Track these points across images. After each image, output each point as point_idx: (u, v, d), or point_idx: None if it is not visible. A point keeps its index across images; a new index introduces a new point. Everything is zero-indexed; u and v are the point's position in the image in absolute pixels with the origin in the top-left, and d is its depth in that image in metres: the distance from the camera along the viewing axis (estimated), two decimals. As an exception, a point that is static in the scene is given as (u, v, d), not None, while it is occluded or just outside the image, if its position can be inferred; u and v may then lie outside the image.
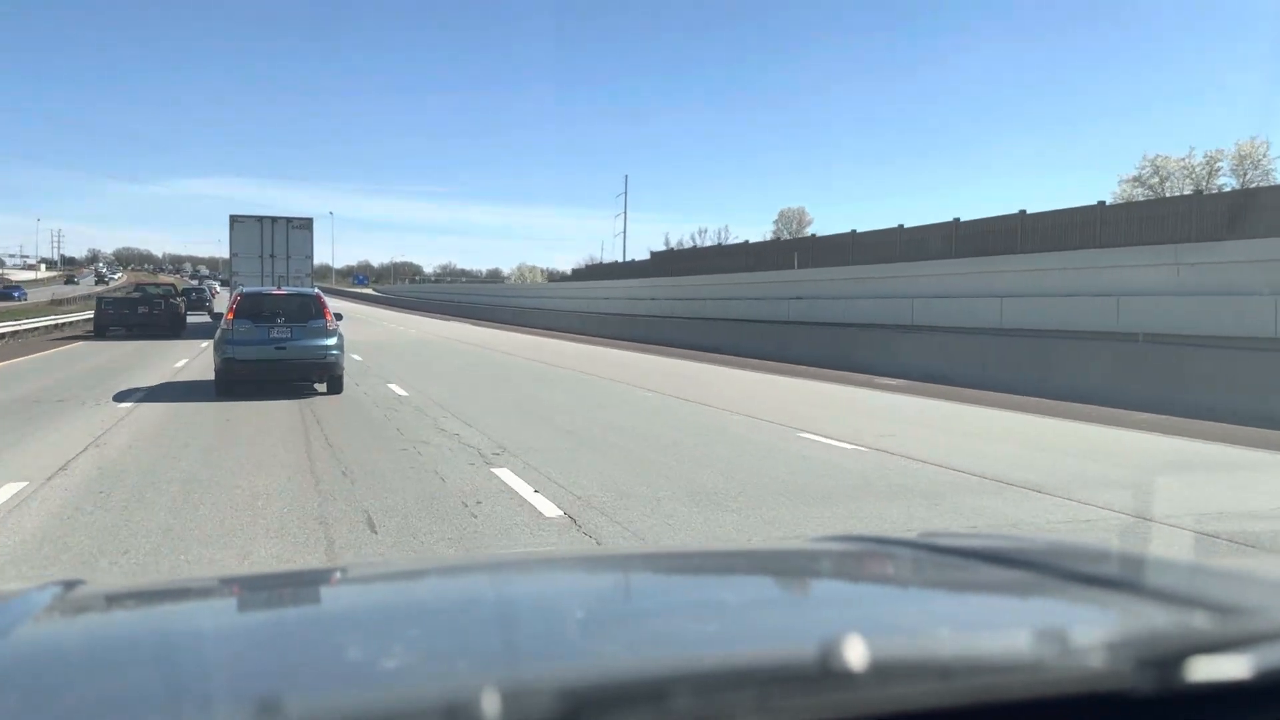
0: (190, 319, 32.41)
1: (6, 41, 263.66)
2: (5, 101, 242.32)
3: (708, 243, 75.47)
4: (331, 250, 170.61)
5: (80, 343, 26.13)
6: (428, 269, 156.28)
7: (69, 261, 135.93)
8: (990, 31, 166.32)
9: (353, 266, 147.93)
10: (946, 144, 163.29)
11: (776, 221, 78.04)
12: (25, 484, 7.02)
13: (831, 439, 9.88)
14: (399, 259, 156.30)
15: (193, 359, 20.47)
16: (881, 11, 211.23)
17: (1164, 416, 12.13)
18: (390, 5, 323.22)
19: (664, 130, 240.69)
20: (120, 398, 13.11)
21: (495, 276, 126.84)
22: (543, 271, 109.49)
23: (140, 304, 29.44)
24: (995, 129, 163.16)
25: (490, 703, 0.68)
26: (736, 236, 74.89)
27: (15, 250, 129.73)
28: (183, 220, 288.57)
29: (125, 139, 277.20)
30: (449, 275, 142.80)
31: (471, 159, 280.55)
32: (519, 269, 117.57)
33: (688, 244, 79.54)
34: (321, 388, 13.89)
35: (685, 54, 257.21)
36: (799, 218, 78.22)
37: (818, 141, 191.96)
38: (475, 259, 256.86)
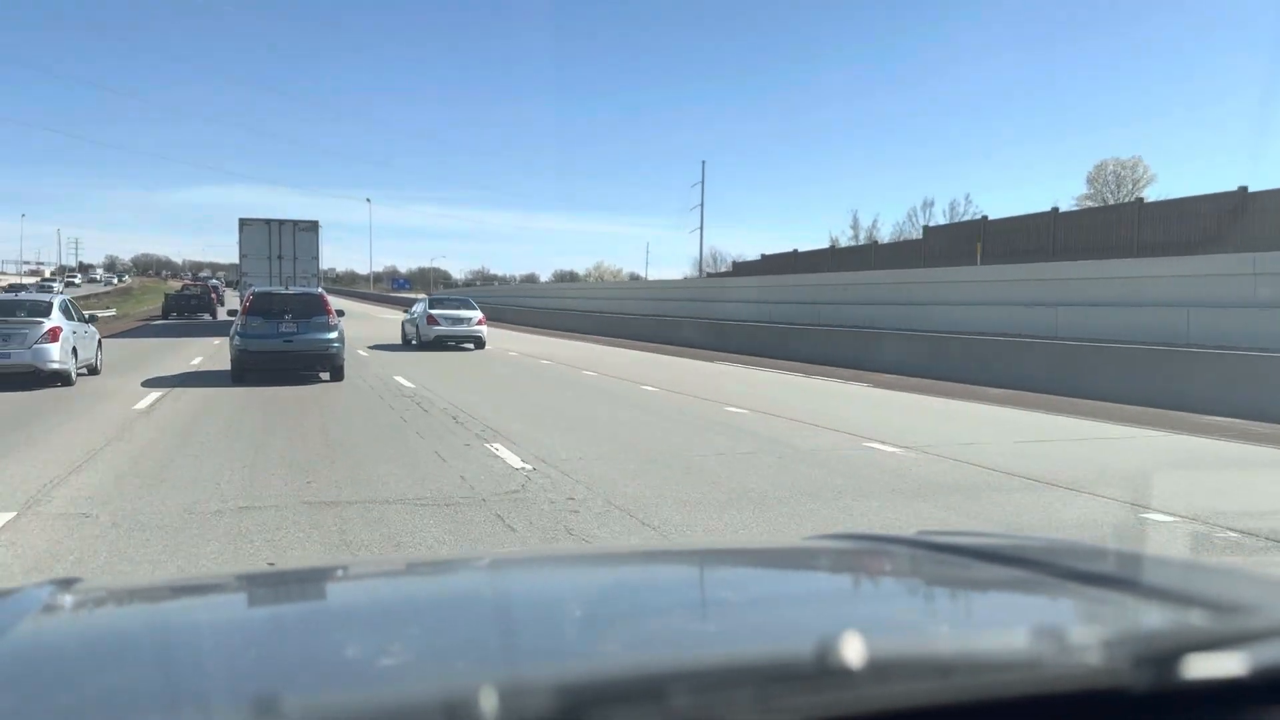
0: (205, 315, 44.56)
1: (31, 50, 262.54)
2: (28, 109, 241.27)
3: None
4: (370, 254, 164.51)
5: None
6: (455, 274, 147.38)
7: (85, 268, 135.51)
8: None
9: (379, 273, 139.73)
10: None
11: (1092, 181, 52.51)
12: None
13: None
14: (428, 264, 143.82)
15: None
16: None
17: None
18: (399, 16, 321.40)
19: (676, 139, 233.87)
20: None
21: (530, 280, 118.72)
22: (627, 274, 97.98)
23: (191, 298, 45.87)
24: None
25: (489, 701, 0.68)
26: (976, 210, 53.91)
27: (31, 256, 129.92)
28: (199, 227, 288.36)
29: (145, 148, 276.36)
30: (483, 279, 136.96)
31: (485, 167, 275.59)
32: (597, 268, 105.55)
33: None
34: (325, 375, 15.24)
35: (688, 56, 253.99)
36: (1132, 174, 50.00)
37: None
38: (501, 264, 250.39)
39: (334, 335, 15.10)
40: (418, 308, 26.43)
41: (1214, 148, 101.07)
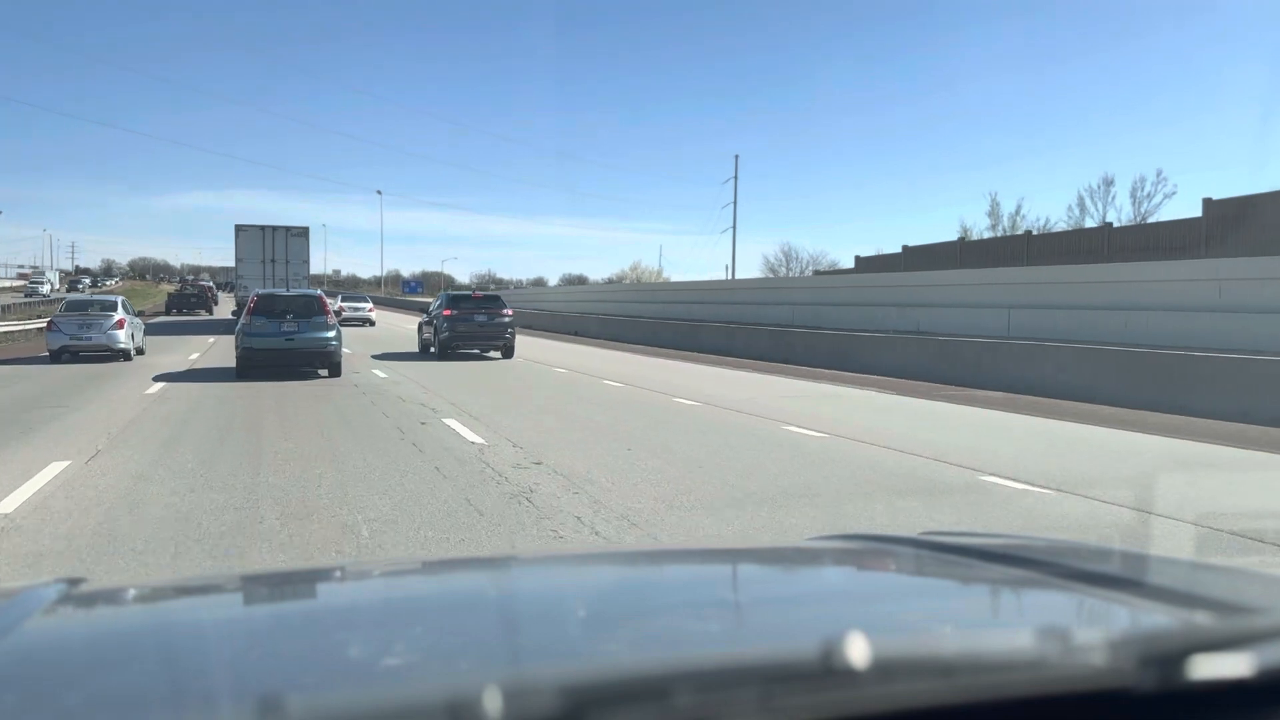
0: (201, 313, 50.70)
1: (41, 60, 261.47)
2: (32, 115, 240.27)
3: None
4: (380, 253, 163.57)
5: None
6: (462, 278, 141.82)
7: (83, 272, 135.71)
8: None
9: (381, 278, 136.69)
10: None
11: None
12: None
13: None
14: (434, 268, 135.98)
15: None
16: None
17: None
18: (401, 16, 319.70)
19: (686, 142, 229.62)
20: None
21: (539, 284, 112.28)
22: (667, 277, 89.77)
23: (191, 296, 51.49)
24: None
25: (492, 701, 0.67)
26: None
27: (26, 260, 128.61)
28: (194, 233, 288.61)
29: (147, 153, 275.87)
30: (494, 283, 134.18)
31: (491, 172, 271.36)
32: (634, 269, 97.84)
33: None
34: (324, 372, 16.02)
35: (684, 57, 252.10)
36: None
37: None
38: (508, 268, 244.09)
39: (332, 334, 15.75)
40: (334, 302, 42.46)
41: None
